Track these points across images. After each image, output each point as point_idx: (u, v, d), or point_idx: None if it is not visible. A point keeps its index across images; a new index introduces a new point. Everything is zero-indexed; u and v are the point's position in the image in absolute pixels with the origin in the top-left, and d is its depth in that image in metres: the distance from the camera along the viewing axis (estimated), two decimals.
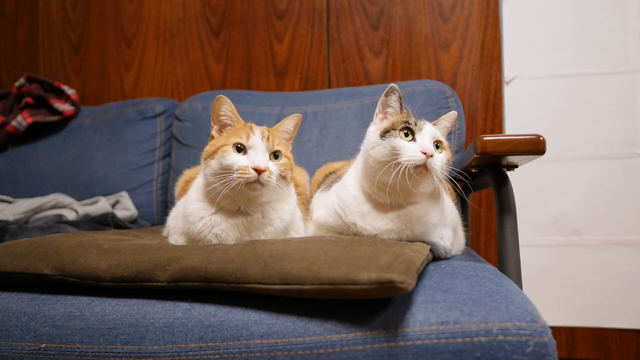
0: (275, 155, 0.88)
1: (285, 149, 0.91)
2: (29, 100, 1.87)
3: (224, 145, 0.86)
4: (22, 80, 1.97)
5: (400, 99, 0.92)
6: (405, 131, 0.85)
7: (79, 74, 2.13)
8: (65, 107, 1.88)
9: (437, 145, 0.86)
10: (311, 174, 1.27)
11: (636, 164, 1.62)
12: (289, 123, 0.95)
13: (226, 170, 0.83)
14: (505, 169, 1.01)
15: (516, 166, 1.03)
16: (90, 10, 2.12)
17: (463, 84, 1.77)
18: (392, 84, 0.93)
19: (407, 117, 0.88)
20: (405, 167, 0.80)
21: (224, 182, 0.82)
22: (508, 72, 1.73)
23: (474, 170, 1.10)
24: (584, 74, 1.67)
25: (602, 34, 1.66)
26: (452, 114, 0.94)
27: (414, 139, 0.85)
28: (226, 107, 0.90)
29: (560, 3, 1.70)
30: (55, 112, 1.87)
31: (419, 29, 1.81)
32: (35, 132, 1.88)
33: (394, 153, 0.82)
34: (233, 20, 1.97)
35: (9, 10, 2.21)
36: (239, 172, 0.82)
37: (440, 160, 0.84)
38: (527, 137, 0.87)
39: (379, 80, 1.84)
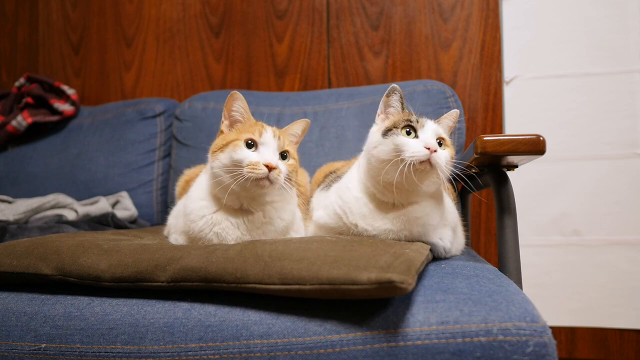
0: (283, 155, 0.88)
1: (293, 151, 0.92)
2: (29, 100, 1.87)
3: (236, 139, 0.85)
4: (22, 80, 1.97)
5: (402, 98, 0.92)
6: (407, 129, 0.85)
7: (79, 74, 2.13)
8: (65, 107, 1.88)
9: (440, 142, 0.86)
10: (311, 174, 1.27)
11: (636, 164, 1.62)
12: (298, 127, 0.95)
13: (236, 164, 0.83)
14: (505, 169, 1.01)
15: (516, 166, 1.03)
16: (90, 10, 2.12)
17: (463, 84, 1.77)
18: (393, 84, 0.93)
19: (409, 116, 0.88)
20: (410, 164, 0.80)
21: (234, 176, 0.82)
22: (508, 72, 1.73)
23: (474, 170, 1.10)
24: (584, 74, 1.67)
25: (602, 34, 1.66)
26: (454, 112, 0.94)
27: (416, 137, 0.84)
28: (239, 103, 0.91)
29: (560, 3, 1.70)
30: (55, 112, 1.87)
31: (419, 29, 1.81)
32: (35, 132, 1.88)
33: (397, 150, 0.82)
34: (233, 20, 1.97)
35: (9, 10, 2.21)
36: (249, 167, 0.82)
37: (444, 157, 0.83)
38: (527, 137, 0.87)
39: (379, 80, 1.84)
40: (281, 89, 1.92)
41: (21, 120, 1.83)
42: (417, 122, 0.86)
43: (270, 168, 0.82)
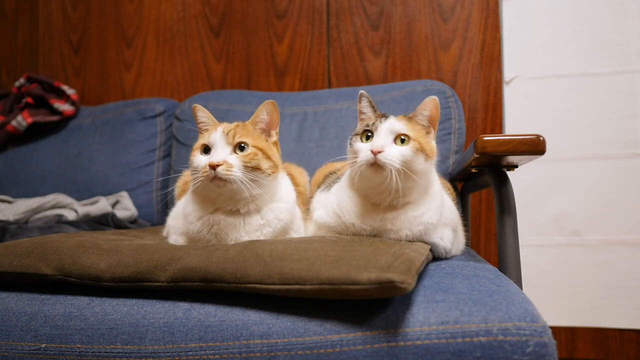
0: (241, 148, 0.88)
1: (254, 140, 0.90)
2: (29, 100, 1.87)
3: (195, 149, 0.91)
4: (22, 80, 1.97)
5: (370, 102, 0.93)
6: (368, 133, 0.87)
7: (79, 74, 2.13)
8: (65, 107, 1.88)
9: (403, 139, 0.84)
10: (311, 174, 1.27)
11: (636, 164, 1.62)
12: (261, 111, 0.94)
13: (195, 171, 0.87)
14: (505, 169, 1.01)
15: (516, 166, 1.03)
16: (90, 10, 2.12)
17: (463, 84, 1.77)
18: (361, 91, 0.95)
19: (374, 120, 0.89)
20: (360, 167, 0.83)
21: (195, 183, 0.87)
22: (508, 72, 1.73)
23: (474, 170, 1.10)
24: (584, 74, 1.67)
25: (602, 34, 1.66)
26: (429, 100, 0.88)
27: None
28: (201, 113, 0.95)
29: (560, 3, 1.70)
30: (55, 112, 1.87)
31: (419, 29, 1.81)
32: (35, 132, 1.88)
33: (354, 156, 0.86)
34: (233, 20, 1.97)
35: (9, 10, 2.21)
36: (202, 171, 0.85)
37: (400, 153, 0.82)
38: (527, 137, 0.87)
39: (379, 80, 1.84)
40: (281, 89, 1.92)
41: (21, 120, 1.83)
42: (374, 124, 0.87)
43: (212, 166, 0.83)
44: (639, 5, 1.63)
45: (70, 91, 1.93)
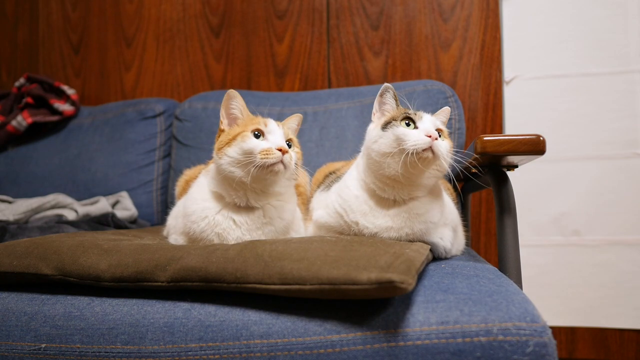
0: (288, 144, 0.89)
1: (296, 141, 0.94)
2: (29, 100, 1.87)
3: (242, 132, 0.87)
4: (22, 80, 1.97)
5: (395, 96, 0.93)
6: (407, 121, 0.86)
7: (79, 74, 2.13)
8: (65, 107, 1.88)
9: (439, 133, 0.87)
10: (311, 174, 1.27)
11: (636, 164, 1.62)
12: (294, 120, 0.98)
13: (247, 154, 0.84)
14: (505, 169, 1.01)
15: (516, 166, 1.03)
16: (90, 10, 2.12)
17: (463, 84, 1.77)
18: (386, 84, 0.94)
19: (406, 110, 0.90)
20: (412, 153, 0.80)
21: (246, 166, 0.83)
22: (508, 72, 1.73)
23: (474, 170, 1.10)
24: (584, 74, 1.67)
25: (602, 34, 1.66)
26: (446, 109, 0.96)
27: (415, 128, 0.85)
28: (237, 100, 0.92)
29: (560, 3, 1.70)
30: (55, 112, 1.87)
31: (419, 29, 1.81)
32: (35, 132, 1.88)
33: (398, 141, 0.83)
34: (233, 20, 1.97)
35: (9, 10, 2.21)
36: (262, 153, 0.83)
37: (445, 146, 0.84)
38: (527, 137, 0.87)
39: (379, 80, 1.84)
40: (281, 89, 1.92)
41: (21, 120, 1.83)
42: (415, 114, 0.87)
43: (283, 151, 0.83)
44: (639, 5, 1.63)
45: (70, 91, 1.93)
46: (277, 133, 0.87)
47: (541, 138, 0.86)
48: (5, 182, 1.82)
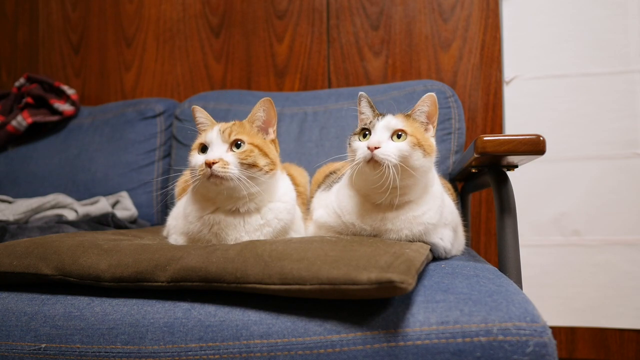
0: (237, 145, 0.88)
1: (251, 137, 0.90)
2: (29, 100, 1.87)
3: (193, 149, 0.91)
4: (22, 80, 1.97)
5: (369, 103, 0.94)
6: (365, 132, 0.88)
7: (79, 74, 2.13)
8: (65, 107, 1.88)
9: (399, 134, 0.85)
10: (311, 174, 1.27)
11: (636, 164, 1.62)
12: (258, 109, 0.94)
13: (193, 170, 0.88)
14: (505, 169, 1.01)
15: (516, 166, 1.03)
16: (90, 10, 2.12)
17: (463, 84, 1.77)
18: (360, 92, 0.95)
19: (371, 119, 0.90)
20: (358, 165, 0.84)
21: (195, 181, 0.87)
22: (508, 72, 1.73)
23: (474, 170, 1.10)
24: (584, 74, 1.67)
25: (602, 34, 1.66)
26: (427, 96, 0.90)
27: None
28: (199, 114, 0.96)
29: (560, 3, 1.70)
30: (55, 112, 1.87)
31: (419, 29, 1.81)
32: (35, 132, 1.88)
33: (354, 155, 0.86)
34: (233, 20, 1.97)
35: (9, 10, 2.21)
36: (199, 170, 0.85)
37: (397, 148, 0.82)
38: (527, 137, 0.87)
39: (379, 80, 1.84)
40: (281, 89, 1.92)
41: (21, 120, 1.83)
42: (371, 122, 0.88)
43: (208, 164, 0.83)
44: (639, 5, 1.63)
45: (70, 91, 1.93)
46: (214, 142, 0.88)
47: (541, 138, 0.86)
48: (5, 182, 1.82)
